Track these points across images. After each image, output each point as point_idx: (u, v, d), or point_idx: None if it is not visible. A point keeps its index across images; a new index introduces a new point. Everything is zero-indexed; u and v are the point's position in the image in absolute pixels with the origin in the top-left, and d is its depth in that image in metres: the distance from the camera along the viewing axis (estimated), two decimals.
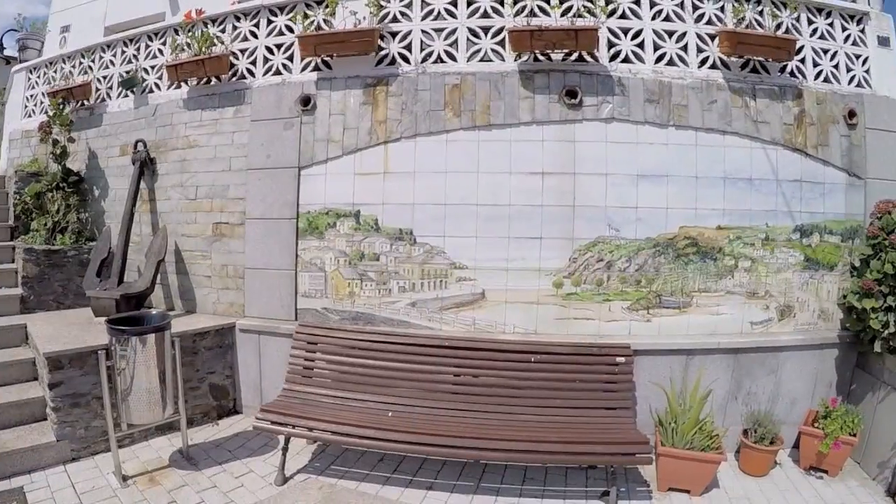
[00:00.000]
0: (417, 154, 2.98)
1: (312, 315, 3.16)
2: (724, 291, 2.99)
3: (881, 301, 2.79)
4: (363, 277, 3.07)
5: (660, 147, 2.91)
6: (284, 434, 2.53)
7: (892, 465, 2.65)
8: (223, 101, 3.46)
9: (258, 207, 3.27)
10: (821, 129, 3.15)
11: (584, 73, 2.93)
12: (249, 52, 3.44)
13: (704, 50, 3.03)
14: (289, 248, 3.18)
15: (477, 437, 2.40)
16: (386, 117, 3.04)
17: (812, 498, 2.61)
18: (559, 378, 2.71)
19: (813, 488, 2.69)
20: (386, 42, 3.11)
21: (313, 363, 2.88)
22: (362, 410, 2.64)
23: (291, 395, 2.77)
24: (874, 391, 2.93)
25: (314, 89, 3.19)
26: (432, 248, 2.98)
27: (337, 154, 3.11)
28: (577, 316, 2.92)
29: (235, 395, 3.34)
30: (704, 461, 2.56)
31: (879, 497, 2.63)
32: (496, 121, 2.93)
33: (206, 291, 3.50)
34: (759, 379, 2.98)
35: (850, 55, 3.28)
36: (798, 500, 2.58)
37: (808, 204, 3.08)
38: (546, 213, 2.89)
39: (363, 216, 3.06)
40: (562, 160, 2.89)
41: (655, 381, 2.81)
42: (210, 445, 2.89)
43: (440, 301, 2.98)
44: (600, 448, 2.36)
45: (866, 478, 2.80)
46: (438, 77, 2.99)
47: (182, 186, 3.59)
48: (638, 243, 2.92)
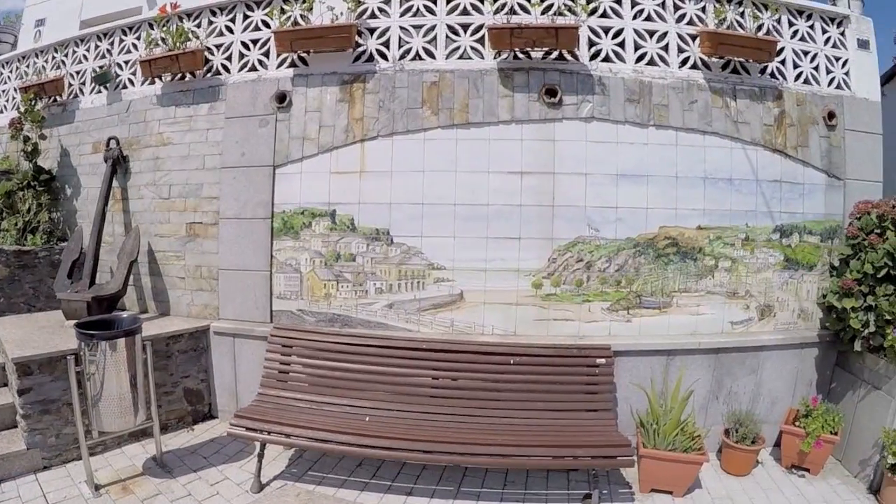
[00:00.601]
0: (394, 152, 2.92)
1: (288, 317, 3.08)
2: (705, 291, 2.97)
3: (861, 300, 2.80)
4: (339, 278, 2.99)
5: (640, 147, 2.89)
6: (259, 440, 2.46)
7: (874, 463, 2.67)
8: (197, 98, 3.36)
9: (232, 207, 3.18)
10: (801, 130, 3.16)
11: (564, 71, 2.89)
12: (225, 48, 3.35)
13: (685, 50, 3.02)
14: (263, 248, 3.10)
15: (456, 441, 2.35)
16: (363, 115, 2.97)
17: (795, 497, 2.61)
18: (539, 380, 2.67)
19: (795, 487, 2.70)
20: (364, 38, 3.04)
21: (289, 367, 2.81)
22: (339, 415, 2.57)
23: (266, 400, 2.69)
24: (854, 390, 2.95)
25: (290, 86, 3.11)
26: (409, 249, 2.92)
27: (313, 152, 3.03)
28: (557, 317, 2.88)
29: (211, 400, 3.25)
30: (687, 462, 2.54)
31: (861, 494, 2.65)
32: (475, 119, 2.88)
33: (179, 293, 3.40)
34: (739, 378, 2.97)
35: (830, 57, 3.29)
36: (781, 499, 2.58)
37: (787, 204, 3.08)
38: (525, 212, 2.85)
39: (339, 216, 2.98)
40: (541, 159, 2.85)
41: (636, 383, 2.79)
42: (185, 452, 2.81)
43: (418, 302, 2.92)
44: (581, 451, 2.32)
45: (848, 475, 2.82)
46: (416, 74, 2.93)
47: (155, 185, 3.49)
48: (618, 243, 2.89)
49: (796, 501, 2.57)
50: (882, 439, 2.56)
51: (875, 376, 2.80)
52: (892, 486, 2.49)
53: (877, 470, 2.65)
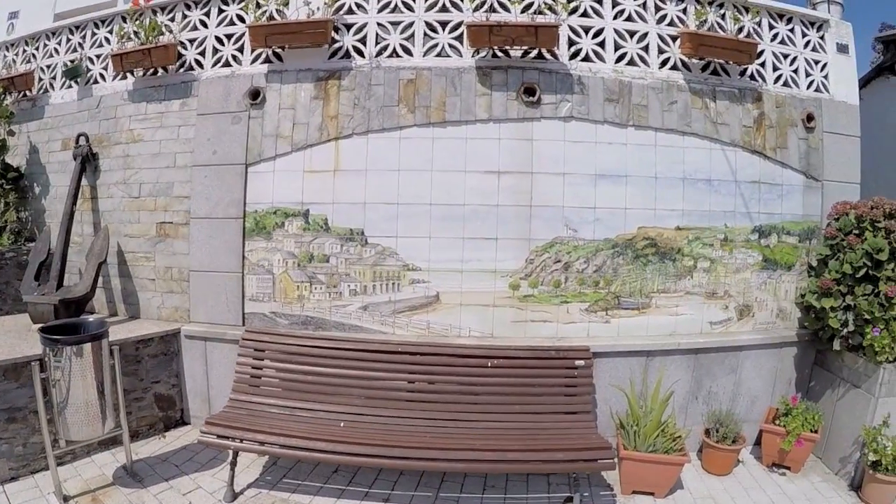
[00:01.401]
0: (369, 151, 2.85)
1: (260, 320, 2.98)
2: (684, 292, 2.95)
3: (840, 300, 2.80)
4: (312, 280, 2.91)
5: (619, 147, 2.86)
6: (231, 448, 2.37)
7: (855, 460, 2.69)
8: (169, 94, 3.25)
9: (203, 206, 3.08)
10: (779, 132, 3.16)
11: (544, 70, 2.85)
12: (199, 43, 3.25)
13: (666, 51, 3.00)
14: (235, 249, 3.00)
15: (433, 446, 2.29)
16: (338, 112, 2.89)
17: (776, 495, 2.60)
18: (517, 383, 2.61)
19: (777, 485, 2.70)
20: (340, 35, 2.97)
21: (261, 371, 2.72)
22: (313, 421, 2.49)
23: (238, 406, 2.60)
24: (833, 388, 2.96)
25: (264, 82, 3.02)
26: (384, 249, 2.85)
27: (286, 150, 2.95)
28: (535, 318, 2.83)
29: (183, 406, 3.14)
30: (668, 463, 2.52)
31: (843, 491, 2.66)
32: (452, 118, 2.82)
33: (149, 295, 3.28)
34: (719, 378, 2.96)
35: (809, 61, 3.30)
36: (763, 498, 2.58)
37: (766, 205, 3.08)
38: (502, 213, 2.80)
39: (312, 216, 2.90)
40: (519, 159, 2.80)
41: (616, 384, 2.75)
42: (156, 460, 2.71)
43: (393, 304, 2.85)
44: (561, 455, 2.27)
45: (829, 473, 2.83)
46: (393, 72, 2.86)
47: (125, 183, 3.37)
48: (596, 244, 2.85)
49: (778, 500, 2.56)
50: (862, 437, 2.58)
51: (854, 375, 2.81)
52: (873, 483, 2.51)
53: (858, 467, 2.67)
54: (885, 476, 2.47)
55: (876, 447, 2.49)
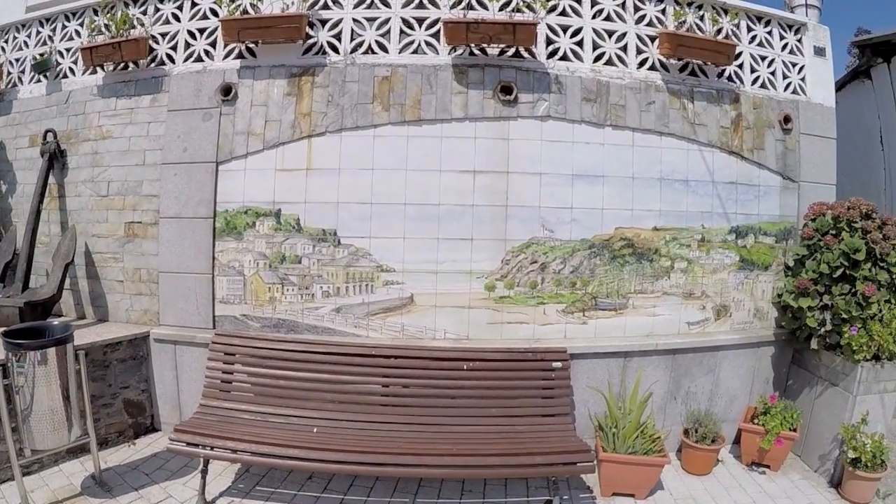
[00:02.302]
0: (343, 149, 2.76)
1: (231, 322, 2.87)
2: (661, 292, 2.92)
3: (817, 300, 2.80)
4: (284, 281, 2.81)
5: (596, 147, 2.82)
6: (201, 456, 2.26)
7: (834, 458, 2.69)
8: (139, 89, 3.13)
9: (173, 206, 2.96)
10: (757, 133, 3.15)
11: (521, 69, 2.79)
12: (171, 37, 3.13)
13: (644, 51, 2.96)
14: (205, 250, 2.88)
15: (409, 452, 2.21)
16: (311, 110, 2.80)
17: (757, 494, 2.59)
18: (494, 385, 2.55)
19: (757, 484, 2.68)
20: (315, 30, 2.88)
21: (232, 376, 2.62)
22: (286, 427, 2.40)
23: (209, 412, 2.50)
24: (811, 386, 2.97)
25: (236, 78, 2.91)
26: (357, 250, 2.76)
27: (258, 148, 2.84)
28: (511, 320, 2.77)
29: (153, 412, 3.02)
30: (648, 465, 2.49)
31: (823, 489, 2.66)
32: (427, 116, 2.75)
33: (118, 297, 3.15)
34: (697, 378, 2.94)
35: (787, 63, 3.31)
36: (744, 497, 2.56)
37: (743, 206, 3.07)
38: (478, 213, 2.73)
39: (284, 215, 2.80)
40: (495, 158, 2.74)
41: (594, 386, 2.71)
42: (126, 468, 2.59)
43: (366, 306, 2.76)
44: (540, 459, 2.21)
45: (808, 470, 2.84)
46: (368, 69, 2.78)
47: (93, 181, 3.23)
48: (573, 244, 2.81)
49: (759, 498, 2.56)
50: (841, 435, 2.58)
51: (832, 373, 2.82)
52: (853, 480, 2.52)
53: (837, 464, 2.67)
54: (865, 473, 2.48)
55: (855, 445, 2.50)
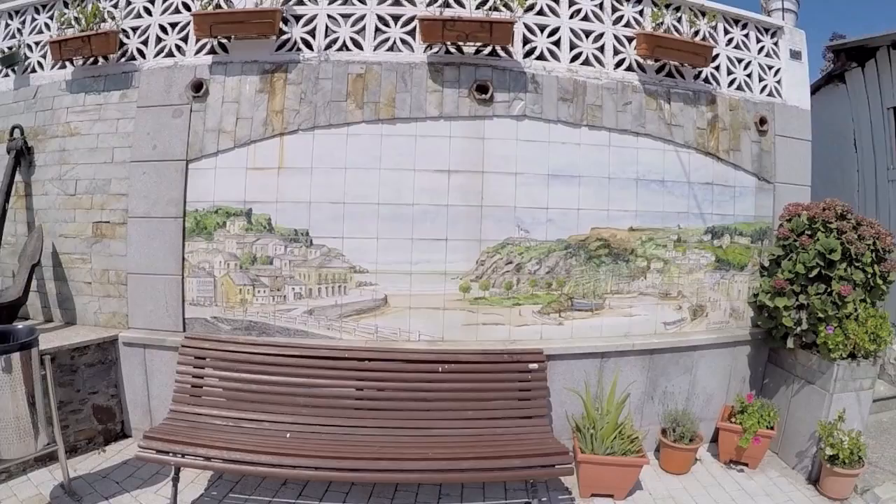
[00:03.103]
0: (315, 148, 2.67)
1: (202, 325, 2.77)
2: (637, 293, 2.90)
3: (793, 299, 2.80)
4: (255, 283, 2.71)
5: (572, 147, 2.78)
6: (172, 464, 2.18)
7: (811, 455, 2.70)
8: (109, 85, 2.99)
9: (141, 205, 2.84)
10: (733, 135, 3.15)
11: (497, 68, 2.74)
12: (142, 31, 3.00)
13: (621, 52, 2.93)
14: (175, 250, 2.77)
15: (384, 457, 2.15)
16: (283, 107, 2.71)
17: (736, 492, 2.58)
18: (470, 388, 2.50)
19: (735, 482, 2.68)
20: (289, 26, 2.79)
21: (202, 380, 2.52)
22: (258, 432, 2.32)
23: (179, 418, 2.40)
24: (787, 385, 2.97)
25: (208, 74, 2.81)
26: (330, 251, 2.68)
27: (228, 146, 2.74)
28: (486, 321, 2.72)
29: (123, 417, 2.89)
30: (627, 465, 2.46)
31: (801, 485, 2.66)
32: (401, 114, 2.68)
33: (86, 300, 3.02)
34: (674, 378, 2.92)
35: (763, 66, 3.31)
36: (722, 495, 2.55)
37: (719, 206, 3.06)
38: (452, 213, 2.67)
39: (255, 215, 2.70)
40: (470, 158, 2.68)
41: (571, 387, 2.67)
42: (96, 476, 2.48)
43: (339, 308, 2.68)
44: (518, 462, 2.16)
45: (786, 467, 2.84)
46: (342, 66, 2.70)
47: (61, 180, 3.09)
48: (549, 245, 2.76)
49: (738, 496, 2.55)
50: (818, 432, 2.59)
51: (808, 372, 2.83)
52: (831, 477, 2.53)
53: (815, 461, 2.68)
54: (843, 469, 2.49)
55: (832, 442, 2.51)
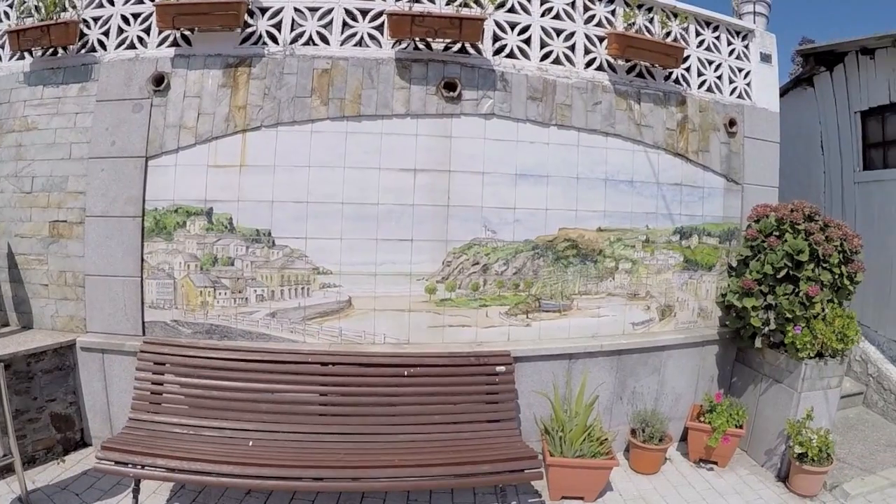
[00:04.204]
0: (279, 145, 2.55)
1: (162, 329, 2.63)
2: (606, 293, 2.84)
3: (761, 300, 2.78)
4: (216, 285, 2.58)
5: (541, 146, 2.70)
6: (131, 475, 2.05)
7: (780, 452, 2.69)
8: (68, 77, 2.81)
9: (99, 203, 2.67)
10: (702, 136, 3.11)
11: (466, 65, 2.64)
12: (104, 21, 2.82)
13: (592, 51, 2.86)
14: (133, 251, 2.62)
15: (350, 465, 2.05)
16: (246, 102, 2.57)
17: (706, 490, 2.56)
18: (437, 392, 2.41)
19: (705, 480, 2.65)
20: (255, 19, 2.64)
21: (162, 387, 2.39)
22: (220, 441, 2.20)
23: (138, 427, 2.27)
24: (755, 384, 2.96)
25: (170, 67, 2.65)
26: (293, 252, 2.56)
27: (189, 143, 2.59)
28: (453, 323, 2.63)
29: (82, 425, 2.72)
30: (597, 468, 2.41)
31: (770, 482, 2.65)
32: (367, 111, 2.57)
33: (43, 303, 2.83)
34: (642, 378, 2.88)
35: (733, 68, 3.28)
36: (692, 495, 2.52)
37: (687, 207, 3.02)
38: (418, 212, 2.57)
39: (216, 215, 2.57)
40: (436, 157, 2.58)
41: (539, 389, 2.61)
42: (55, 488, 2.33)
43: (303, 310, 2.57)
44: (486, 467, 2.09)
45: (755, 465, 2.83)
46: (307, 60, 2.57)
47: (17, 177, 2.89)
48: (516, 245, 2.68)
49: (708, 495, 2.52)
50: (787, 431, 2.58)
51: (776, 371, 2.82)
52: (800, 474, 2.53)
53: (783, 459, 2.67)
54: (812, 467, 2.48)
55: (801, 440, 2.50)
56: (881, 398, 3.47)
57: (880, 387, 3.49)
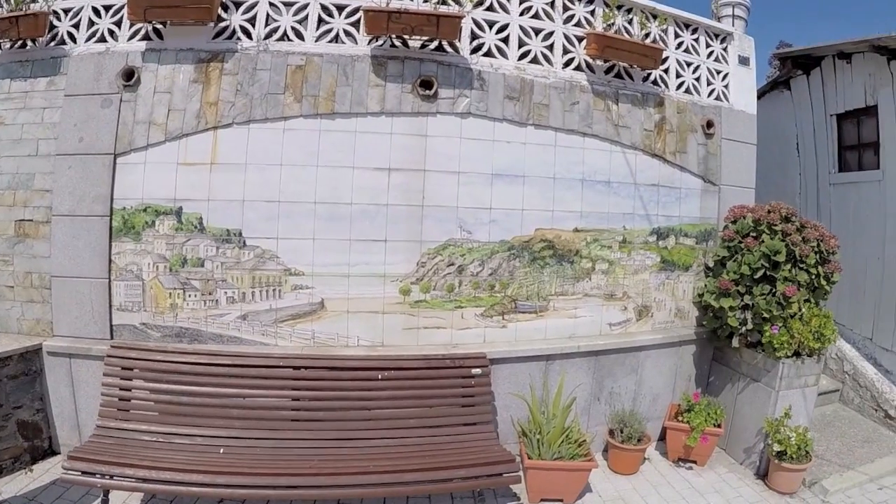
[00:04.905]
0: (250, 143, 2.45)
1: (130, 332, 2.52)
2: (582, 294, 2.80)
3: (738, 300, 2.76)
4: (186, 286, 2.48)
5: (518, 146, 2.64)
6: (98, 486, 1.95)
7: (759, 451, 2.67)
8: (36, 70, 2.67)
9: (67, 202, 2.55)
10: (680, 137, 3.08)
11: (443, 63, 2.57)
12: (74, 13, 2.69)
13: (571, 51, 2.81)
14: (101, 251, 2.50)
15: (324, 472, 1.98)
16: (218, 98, 2.47)
17: (686, 490, 2.53)
18: (412, 395, 2.35)
19: (685, 479, 2.63)
20: (229, 13, 2.54)
21: (130, 392, 2.28)
22: (190, 449, 2.12)
23: (106, 435, 2.17)
24: (733, 383, 2.94)
25: (140, 61, 2.54)
26: (264, 252, 2.47)
27: (159, 139, 2.49)
28: (427, 325, 2.57)
29: (51, 433, 2.59)
30: (575, 470, 2.36)
31: (750, 480, 2.63)
32: (341, 109, 2.48)
33: (8, 305, 2.69)
34: (620, 379, 2.84)
35: (711, 70, 3.26)
36: (672, 494, 2.48)
37: (665, 207, 2.99)
38: (392, 212, 2.50)
39: (186, 214, 2.46)
40: (411, 156, 2.51)
41: (515, 392, 2.55)
42: (23, 499, 2.21)
43: (274, 312, 2.48)
44: (463, 472, 2.04)
45: (734, 463, 2.81)
46: (281, 56, 2.49)
47: None
48: (492, 246, 2.63)
49: (688, 494, 2.49)
50: (765, 429, 2.56)
51: (754, 370, 2.80)
52: (779, 472, 2.51)
53: (762, 456, 2.65)
54: (791, 464, 2.47)
55: (780, 438, 2.48)
56: (857, 395, 3.49)
57: (856, 384, 3.51)
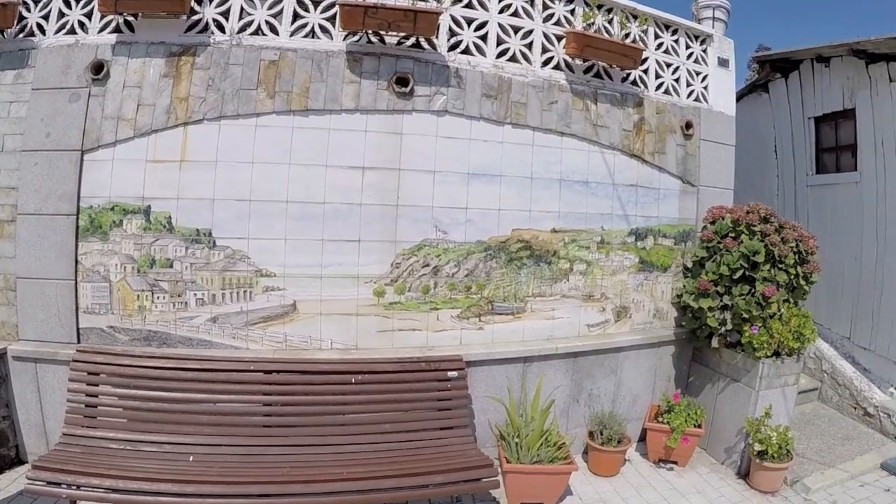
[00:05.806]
0: (221, 140, 2.34)
1: (98, 336, 2.39)
2: (560, 295, 2.73)
3: (717, 300, 2.72)
4: (154, 288, 2.36)
5: (495, 145, 2.56)
6: (64, 496, 1.82)
7: (740, 450, 2.63)
8: (3, 63, 2.52)
9: (32, 200, 2.41)
10: (658, 138, 3.03)
11: (420, 60, 2.49)
12: (44, 5, 2.55)
13: (550, 50, 2.74)
14: (67, 251, 2.37)
15: (296, 479, 1.89)
16: (189, 94, 2.36)
17: (667, 490, 2.48)
18: (387, 399, 2.26)
19: (666, 480, 2.58)
20: (202, 6, 2.43)
21: (97, 399, 2.16)
22: (159, 457, 2.01)
23: (72, 443, 2.04)
24: (713, 383, 2.90)
25: (110, 54, 2.41)
26: (235, 253, 2.36)
27: (128, 135, 2.36)
28: (402, 327, 2.48)
29: (17, 441, 2.45)
30: (555, 473, 2.29)
31: (731, 480, 2.60)
32: (315, 105, 2.38)
33: None
34: (599, 380, 2.78)
35: (691, 71, 3.21)
36: (653, 495, 2.43)
37: (643, 208, 2.93)
38: (366, 212, 2.41)
39: (154, 213, 2.34)
40: (386, 154, 2.42)
41: (493, 395, 2.47)
42: None
43: (245, 315, 2.37)
44: (441, 478, 1.95)
45: (715, 463, 2.77)
46: (255, 51, 2.38)
47: None
48: (468, 247, 2.55)
49: (669, 495, 2.44)
50: (746, 429, 2.52)
51: (733, 370, 2.77)
52: (760, 471, 2.48)
53: (743, 456, 2.61)
54: (773, 464, 2.43)
55: (761, 438, 2.45)
56: (836, 393, 3.48)
57: (835, 382, 3.50)
